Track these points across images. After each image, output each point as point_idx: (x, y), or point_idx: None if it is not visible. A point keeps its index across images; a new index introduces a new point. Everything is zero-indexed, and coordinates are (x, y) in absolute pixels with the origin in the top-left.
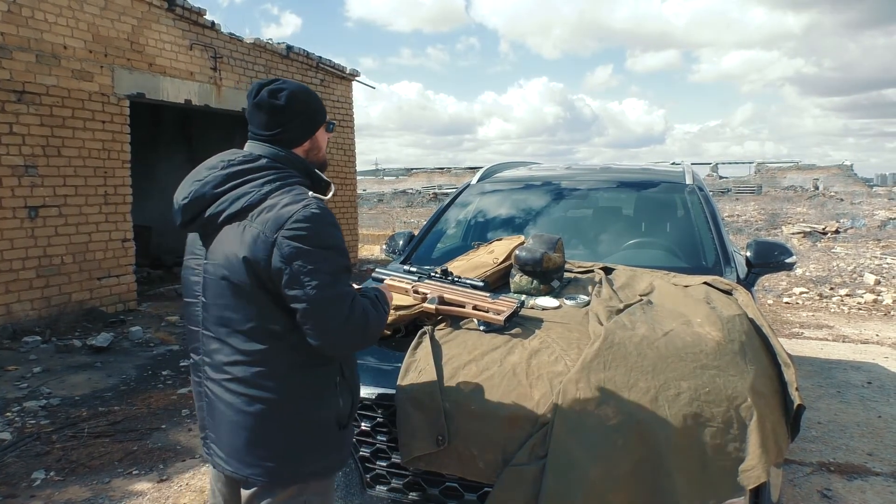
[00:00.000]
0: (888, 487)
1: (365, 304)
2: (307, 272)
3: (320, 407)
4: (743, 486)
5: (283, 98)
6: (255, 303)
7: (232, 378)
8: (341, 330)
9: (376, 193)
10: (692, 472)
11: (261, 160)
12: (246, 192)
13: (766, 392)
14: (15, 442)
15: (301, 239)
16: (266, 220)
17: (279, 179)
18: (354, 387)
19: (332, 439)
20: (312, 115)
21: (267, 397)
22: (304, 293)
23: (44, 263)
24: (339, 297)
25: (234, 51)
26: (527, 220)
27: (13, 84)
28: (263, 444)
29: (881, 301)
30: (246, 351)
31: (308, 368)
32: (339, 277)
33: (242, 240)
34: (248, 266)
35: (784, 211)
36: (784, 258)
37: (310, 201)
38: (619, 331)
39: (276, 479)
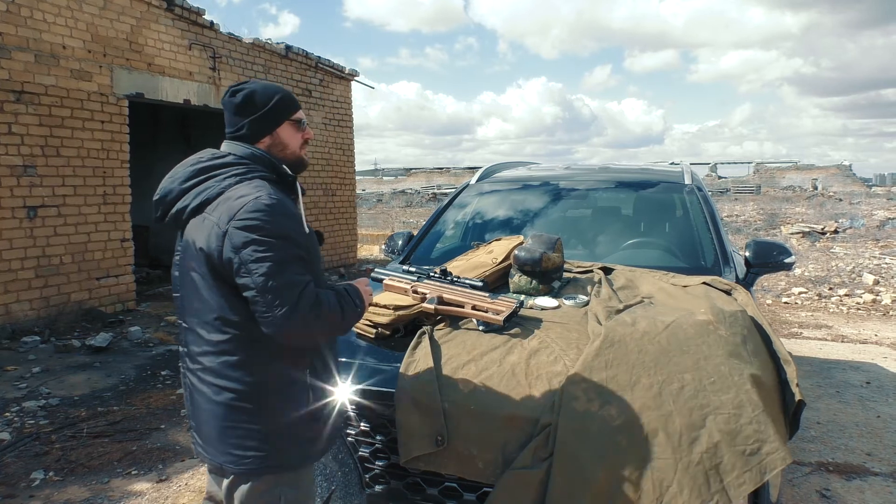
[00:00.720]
0: (887, 487)
1: (324, 295)
2: (255, 260)
3: (289, 399)
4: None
5: (240, 96)
6: (215, 293)
7: (203, 368)
8: (289, 318)
9: (375, 193)
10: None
11: (228, 157)
12: (207, 186)
13: (768, 385)
14: (14, 442)
15: (250, 228)
16: (221, 212)
17: (240, 175)
18: (327, 380)
19: (304, 431)
20: (272, 112)
21: (234, 387)
22: (252, 281)
23: (42, 263)
24: (287, 285)
25: (233, 51)
26: (526, 220)
27: (12, 84)
28: (233, 433)
29: (880, 301)
30: (212, 341)
31: (274, 360)
32: (289, 266)
33: (201, 232)
34: (205, 257)
35: (783, 211)
36: (783, 258)
37: (262, 192)
38: (620, 328)
39: (247, 468)
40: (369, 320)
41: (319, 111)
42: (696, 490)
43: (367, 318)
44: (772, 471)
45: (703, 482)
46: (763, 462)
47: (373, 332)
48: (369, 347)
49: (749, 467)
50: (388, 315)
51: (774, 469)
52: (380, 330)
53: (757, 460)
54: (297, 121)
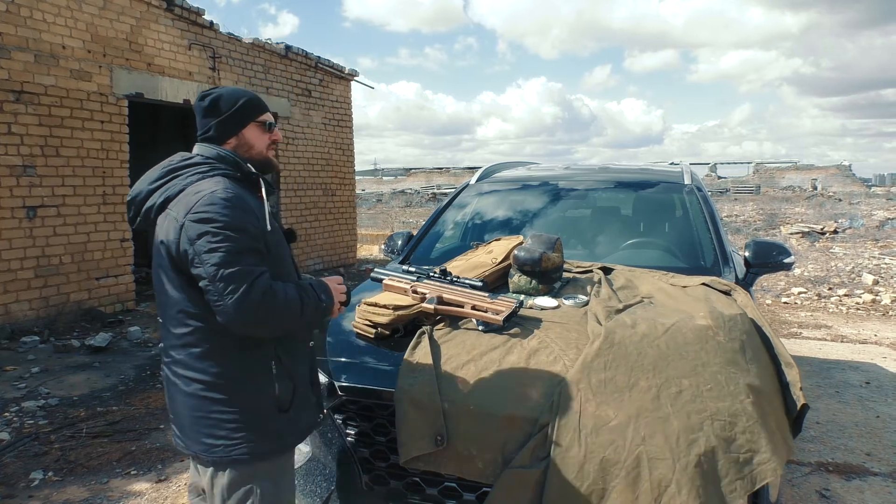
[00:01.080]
0: (886, 487)
1: (281, 287)
2: (208, 250)
3: (255, 390)
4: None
5: (207, 100)
6: (176, 286)
7: (174, 360)
8: (239, 307)
9: (375, 193)
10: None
11: (195, 158)
12: (172, 185)
13: (767, 390)
14: (13, 442)
15: (204, 220)
16: (180, 206)
17: (203, 172)
18: (295, 372)
19: (273, 423)
20: (237, 114)
21: (200, 378)
22: (204, 271)
23: (42, 263)
24: (238, 275)
25: (232, 51)
26: (525, 220)
27: (11, 84)
28: (204, 423)
29: (879, 301)
30: (178, 334)
31: (238, 351)
32: (242, 257)
33: (164, 227)
34: (166, 250)
35: (782, 211)
36: (782, 258)
37: (218, 187)
38: (620, 329)
39: (218, 456)
40: (369, 320)
41: (319, 111)
42: (695, 491)
43: (367, 318)
44: (762, 480)
45: (702, 483)
46: (754, 471)
47: (372, 331)
48: (369, 347)
49: (741, 475)
50: (387, 315)
51: (765, 479)
52: (379, 330)
53: (749, 469)
54: (263, 122)
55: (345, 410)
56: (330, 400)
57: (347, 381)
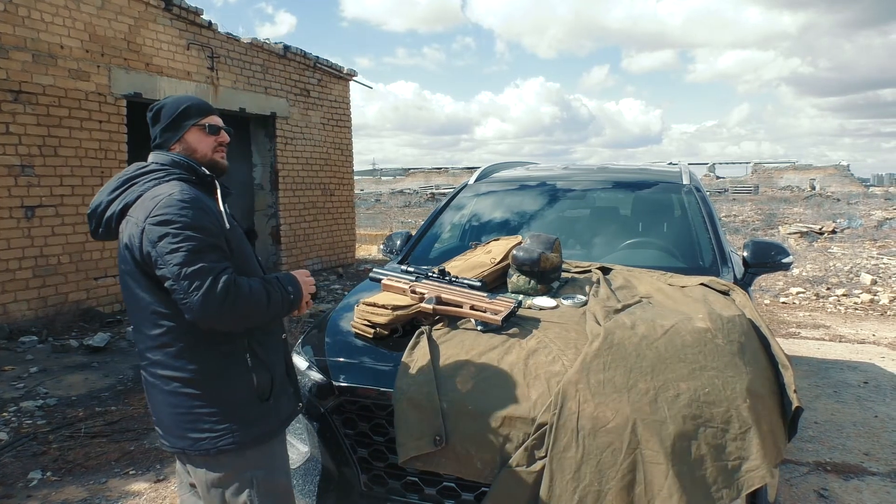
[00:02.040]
0: (884, 487)
1: (245, 281)
2: (170, 251)
3: (232, 382)
4: (747, 486)
5: (152, 111)
6: (144, 289)
7: (151, 362)
8: (205, 302)
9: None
10: (696, 473)
11: (150, 165)
12: (128, 192)
13: (764, 393)
14: (11, 442)
15: (163, 223)
16: (139, 211)
17: (158, 178)
18: (270, 361)
19: (256, 411)
20: (177, 120)
21: (178, 375)
22: (168, 271)
23: (40, 263)
24: (201, 271)
25: (231, 50)
26: (524, 220)
27: (9, 84)
28: (186, 419)
29: (878, 301)
30: (152, 335)
31: (211, 347)
32: (202, 254)
33: (125, 233)
34: (130, 255)
35: (781, 211)
36: (781, 258)
37: (175, 190)
38: (619, 330)
39: (204, 449)
40: (367, 320)
41: (318, 111)
42: (685, 498)
43: (366, 317)
44: (749, 487)
45: (692, 490)
46: (742, 479)
47: (371, 331)
48: (367, 347)
49: (729, 483)
50: (386, 315)
51: (752, 486)
52: (378, 330)
53: (736, 477)
54: (205, 126)
55: (343, 410)
56: (329, 400)
57: (346, 381)
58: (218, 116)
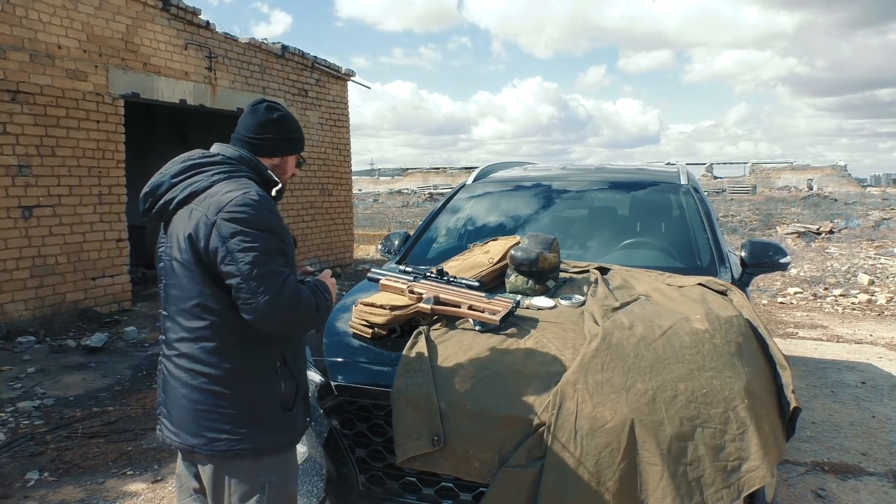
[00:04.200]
0: (882, 487)
1: (301, 288)
2: (241, 250)
3: (261, 387)
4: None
5: (276, 114)
6: (197, 281)
7: (180, 354)
8: (271, 305)
9: (372, 193)
10: (691, 474)
11: (217, 156)
12: (196, 180)
13: (762, 393)
14: (9, 442)
15: (237, 221)
16: (209, 204)
17: (228, 172)
18: (297, 372)
19: (278, 419)
20: (292, 141)
21: (208, 372)
22: (237, 269)
23: (38, 263)
24: (271, 274)
25: (229, 50)
26: (522, 220)
27: (7, 84)
28: (207, 416)
29: (875, 301)
30: (190, 328)
31: (247, 348)
32: (273, 257)
33: (188, 221)
34: (190, 244)
35: (778, 211)
36: (778, 258)
37: (250, 189)
38: (617, 330)
39: (218, 450)
40: (365, 320)
41: (316, 111)
42: (679, 499)
43: (364, 317)
44: (749, 488)
45: (686, 492)
46: (741, 479)
47: (369, 331)
48: (366, 347)
49: (727, 483)
50: (384, 315)
51: (752, 487)
52: (376, 330)
53: (736, 477)
54: (301, 157)
55: (342, 410)
56: (327, 400)
57: (344, 381)
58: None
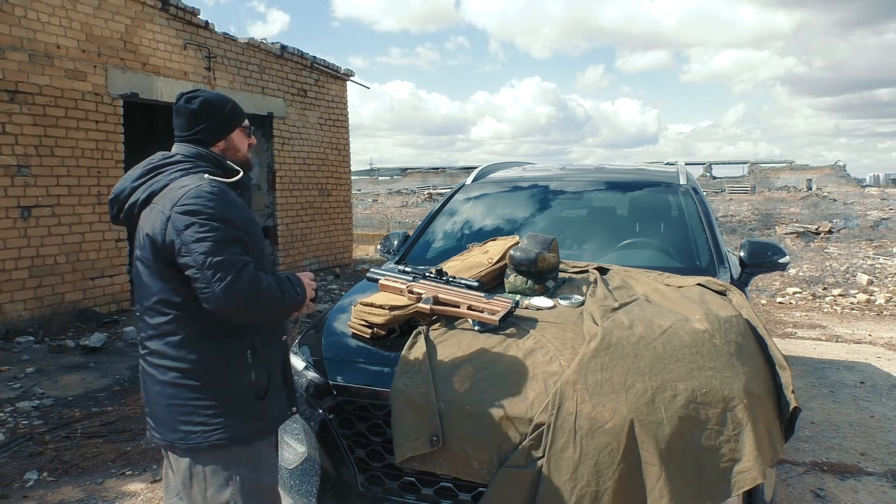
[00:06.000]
0: (881, 487)
1: (263, 276)
2: (196, 240)
3: (231, 377)
4: (738, 487)
5: (197, 103)
6: (157, 277)
7: (150, 351)
8: (227, 294)
9: (371, 193)
10: (687, 474)
11: (176, 156)
12: (155, 181)
13: (761, 393)
14: (7, 442)
15: (191, 212)
16: (166, 200)
17: (185, 169)
18: (270, 361)
19: (250, 408)
20: (225, 119)
21: (177, 366)
22: (192, 259)
23: (37, 263)
24: (226, 263)
25: (227, 50)
26: (521, 220)
27: (6, 83)
28: (180, 410)
29: (874, 301)
30: (154, 324)
31: (213, 339)
32: (228, 246)
33: (148, 220)
34: (150, 241)
35: (777, 211)
36: (777, 258)
37: (203, 180)
38: (617, 330)
39: (195, 443)
40: (365, 320)
41: (315, 111)
42: (676, 500)
43: (363, 317)
44: (741, 488)
45: (682, 493)
46: (733, 480)
47: (368, 331)
48: (365, 347)
49: (721, 484)
50: (383, 315)
51: (743, 487)
52: (375, 330)
53: (728, 477)
54: (246, 127)
55: (340, 410)
56: (326, 400)
57: (343, 381)
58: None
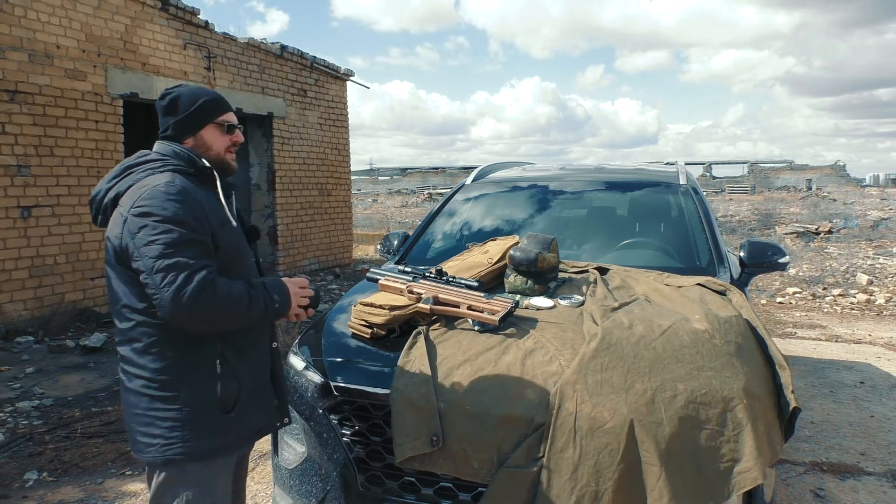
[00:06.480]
0: (880, 487)
1: (223, 282)
2: (146, 243)
3: (196, 389)
4: (738, 488)
5: (167, 99)
6: (121, 281)
7: (120, 356)
8: (175, 300)
9: (371, 193)
10: (687, 474)
11: (151, 154)
12: (123, 181)
13: (761, 393)
14: (8, 442)
15: (143, 214)
16: (126, 202)
17: (153, 168)
18: (242, 372)
19: (213, 423)
20: (195, 115)
21: (141, 374)
22: (143, 264)
23: (37, 263)
24: (175, 267)
25: (227, 50)
26: (521, 220)
27: (6, 83)
28: (141, 420)
29: (874, 301)
30: (121, 329)
31: (178, 347)
32: (181, 249)
33: (111, 222)
34: (111, 245)
35: (777, 211)
36: (777, 258)
37: (162, 181)
38: (617, 330)
39: (151, 456)
40: (364, 320)
41: (314, 111)
42: (676, 500)
43: (363, 317)
44: (740, 489)
45: (682, 493)
46: (733, 480)
47: (368, 331)
48: (364, 347)
49: (721, 484)
50: (383, 315)
51: (743, 488)
52: (375, 330)
53: (728, 478)
54: (222, 124)
55: (340, 410)
56: (326, 400)
57: (343, 382)
58: (233, 114)
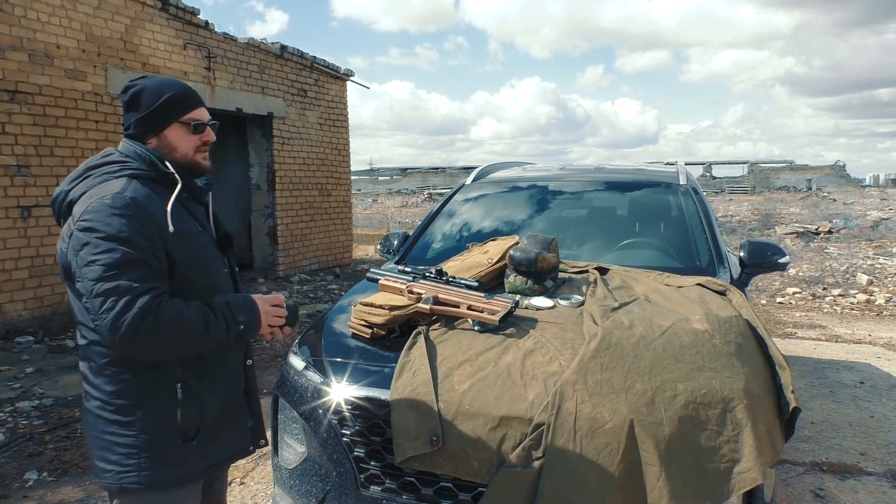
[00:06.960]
0: (880, 487)
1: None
2: (87, 263)
3: (154, 415)
4: (738, 488)
5: (128, 94)
6: (74, 296)
7: (81, 374)
8: (114, 328)
9: (371, 193)
10: (687, 474)
11: (112, 155)
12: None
13: (761, 393)
14: (7, 442)
15: (86, 230)
16: (76, 212)
17: (111, 173)
18: (205, 398)
19: (173, 451)
20: (157, 113)
21: (96, 395)
22: (83, 286)
23: (36, 263)
24: (114, 291)
25: (227, 50)
26: (521, 220)
27: (6, 83)
28: (97, 444)
29: (874, 301)
30: (80, 346)
31: (133, 369)
32: (123, 271)
33: (62, 233)
34: (60, 259)
35: (777, 211)
36: (777, 258)
37: (111, 191)
38: (617, 330)
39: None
40: (364, 320)
41: (315, 111)
42: (675, 500)
43: (363, 318)
44: (740, 489)
45: (682, 493)
46: (733, 480)
47: (368, 332)
48: (364, 347)
49: (721, 484)
50: (383, 315)
51: (742, 488)
52: (375, 330)
53: (728, 478)
54: (189, 122)
55: (340, 410)
56: (325, 400)
57: (343, 382)
58: (205, 108)
